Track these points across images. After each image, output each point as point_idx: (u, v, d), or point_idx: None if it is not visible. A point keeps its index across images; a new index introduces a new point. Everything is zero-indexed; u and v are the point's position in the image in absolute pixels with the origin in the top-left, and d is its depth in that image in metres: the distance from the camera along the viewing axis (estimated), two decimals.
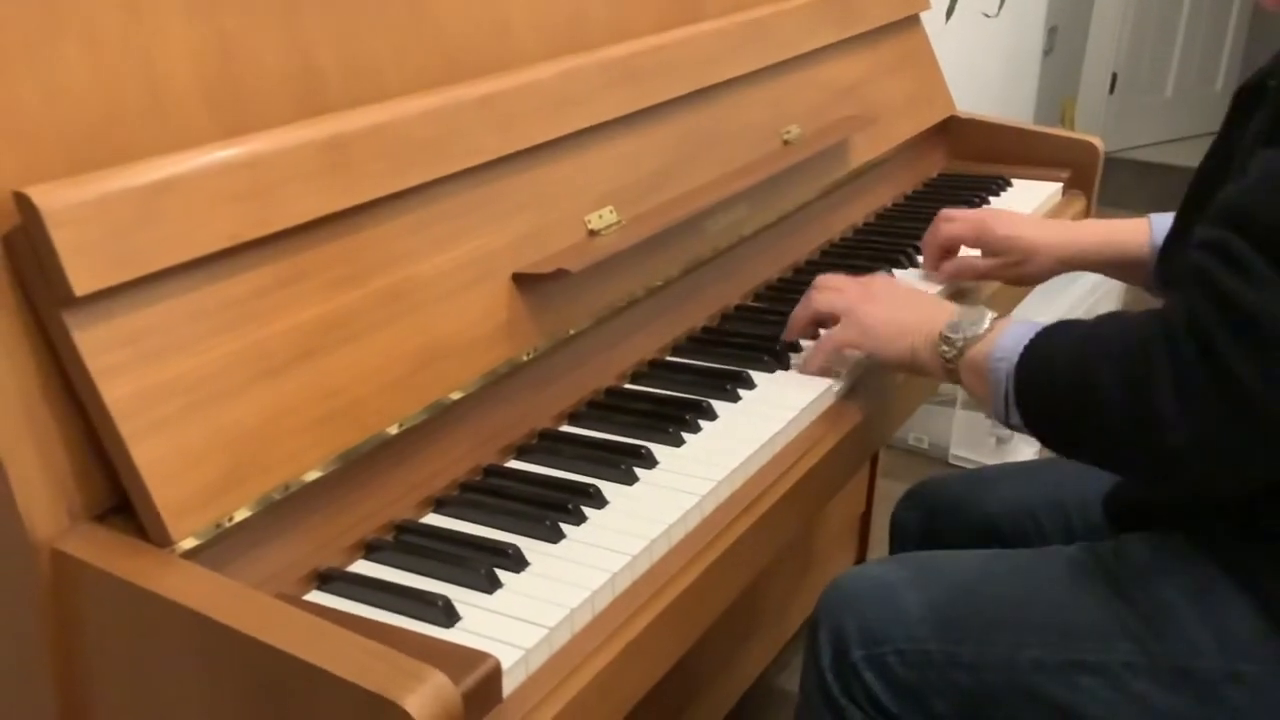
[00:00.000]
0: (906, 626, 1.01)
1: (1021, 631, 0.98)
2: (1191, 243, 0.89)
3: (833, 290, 1.12)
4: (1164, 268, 1.19)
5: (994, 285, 1.39)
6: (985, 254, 1.32)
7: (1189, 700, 0.93)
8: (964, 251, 1.34)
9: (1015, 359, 0.95)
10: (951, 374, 1.02)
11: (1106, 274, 1.33)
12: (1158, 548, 0.99)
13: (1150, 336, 0.87)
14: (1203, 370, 0.83)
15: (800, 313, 1.14)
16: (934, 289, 1.31)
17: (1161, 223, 1.24)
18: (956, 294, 1.34)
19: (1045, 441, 0.97)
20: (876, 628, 1.02)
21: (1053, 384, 0.93)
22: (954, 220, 1.33)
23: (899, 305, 1.08)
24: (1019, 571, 1.03)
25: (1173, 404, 0.84)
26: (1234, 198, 0.87)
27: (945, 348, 1.01)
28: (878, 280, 1.14)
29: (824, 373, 1.10)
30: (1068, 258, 1.29)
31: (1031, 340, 0.95)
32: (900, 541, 1.30)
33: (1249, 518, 0.94)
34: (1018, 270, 1.30)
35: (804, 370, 1.11)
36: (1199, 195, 1.06)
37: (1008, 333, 0.97)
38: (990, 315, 1.01)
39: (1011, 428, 0.97)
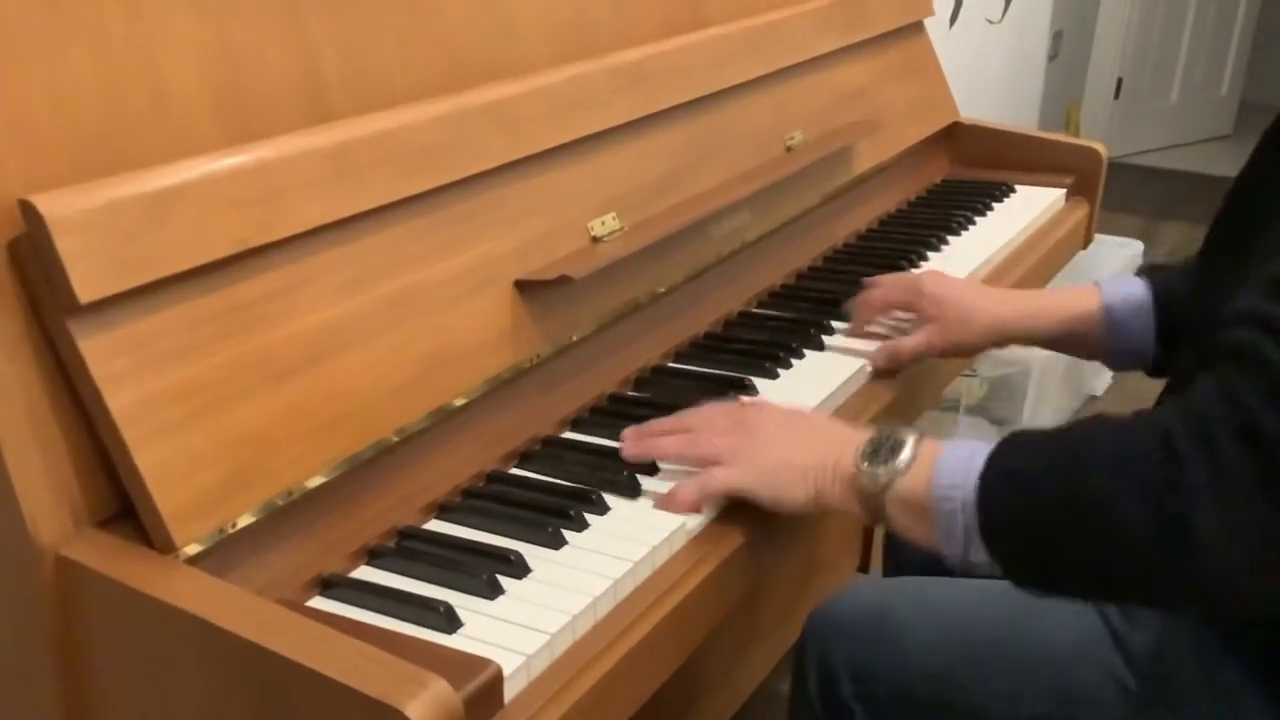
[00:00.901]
0: (898, 666, 0.98)
1: (1020, 687, 0.94)
2: (1229, 314, 0.77)
3: (710, 433, 0.93)
4: (1167, 319, 1.10)
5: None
6: (919, 318, 1.18)
7: None
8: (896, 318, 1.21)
9: (972, 488, 0.79)
10: (875, 513, 0.86)
11: (1047, 346, 1.19)
12: (1164, 616, 0.92)
13: (1170, 432, 0.72)
14: (1248, 465, 0.69)
15: (669, 449, 0.95)
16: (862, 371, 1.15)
17: (1114, 287, 1.13)
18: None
19: (1027, 582, 0.81)
20: (867, 663, 0.99)
21: (1040, 512, 0.77)
22: (882, 285, 1.22)
23: (790, 443, 0.91)
24: (1018, 618, 0.97)
25: (1213, 512, 0.70)
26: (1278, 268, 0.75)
27: (865, 483, 0.85)
28: (759, 414, 0.95)
29: (693, 510, 0.91)
30: (1002, 327, 1.15)
31: (990, 462, 0.80)
32: (895, 560, 1.29)
33: (1171, 612, 0.89)
34: (951, 337, 1.15)
35: (667, 506, 0.90)
36: (1223, 239, 0.95)
37: (947, 457, 0.82)
38: (911, 436, 0.86)
39: (968, 568, 0.82)
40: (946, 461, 0.82)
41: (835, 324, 1.24)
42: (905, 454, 0.84)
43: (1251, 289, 0.76)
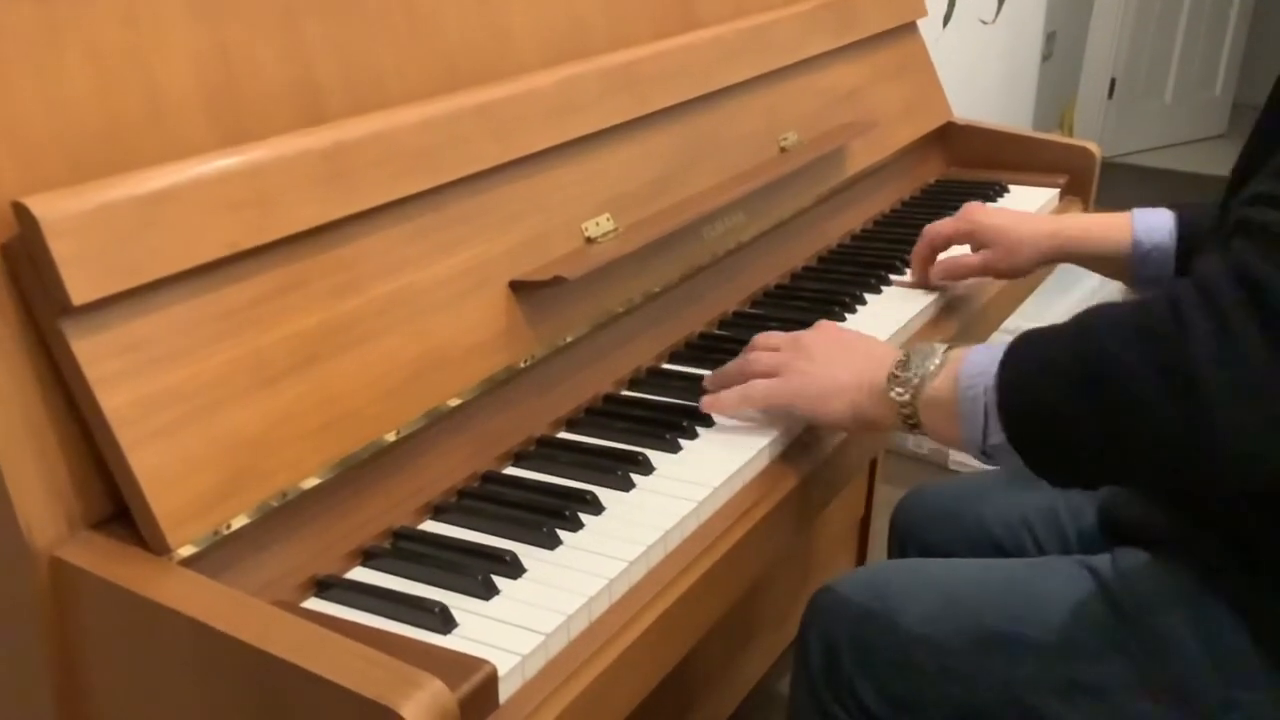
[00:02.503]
0: (899, 637, 1.00)
1: (1017, 647, 0.97)
2: (1237, 201, 0.81)
3: (767, 350, 1.02)
4: (1186, 251, 1.19)
5: (991, 290, 1.39)
6: (974, 249, 1.31)
7: None
8: (953, 251, 1.34)
9: (992, 376, 0.84)
10: (908, 419, 0.91)
11: (1087, 266, 1.32)
12: (1154, 566, 0.97)
13: (1178, 300, 0.75)
14: (1254, 326, 0.71)
15: (733, 372, 1.03)
16: (926, 300, 1.31)
17: (1145, 217, 1.24)
18: (949, 303, 1.34)
19: (1043, 462, 0.83)
20: (869, 637, 1.01)
21: (1054, 383, 0.80)
22: (942, 221, 1.33)
23: (836, 359, 0.97)
24: (1015, 585, 1.01)
25: (1221, 372, 0.71)
26: None
27: (898, 390, 0.90)
28: (815, 332, 1.02)
29: (731, 413, 1.00)
30: (1050, 249, 1.28)
31: (1008, 352, 0.84)
32: (898, 547, 1.31)
33: (1242, 539, 0.92)
34: (1006, 263, 1.29)
35: (711, 407, 1.00)
36: (1244, 175, 0.98)
37: (971, 355, 0.87)
38: (941, 347, 0.91)
39: (986, 455, 0.86)
40: (970, 358, 0.87)
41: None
42: (935, 360, 0.90)
43: (1261, 179, 0.80)
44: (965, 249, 1.33)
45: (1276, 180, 0.79)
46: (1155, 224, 1.23)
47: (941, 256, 1.34)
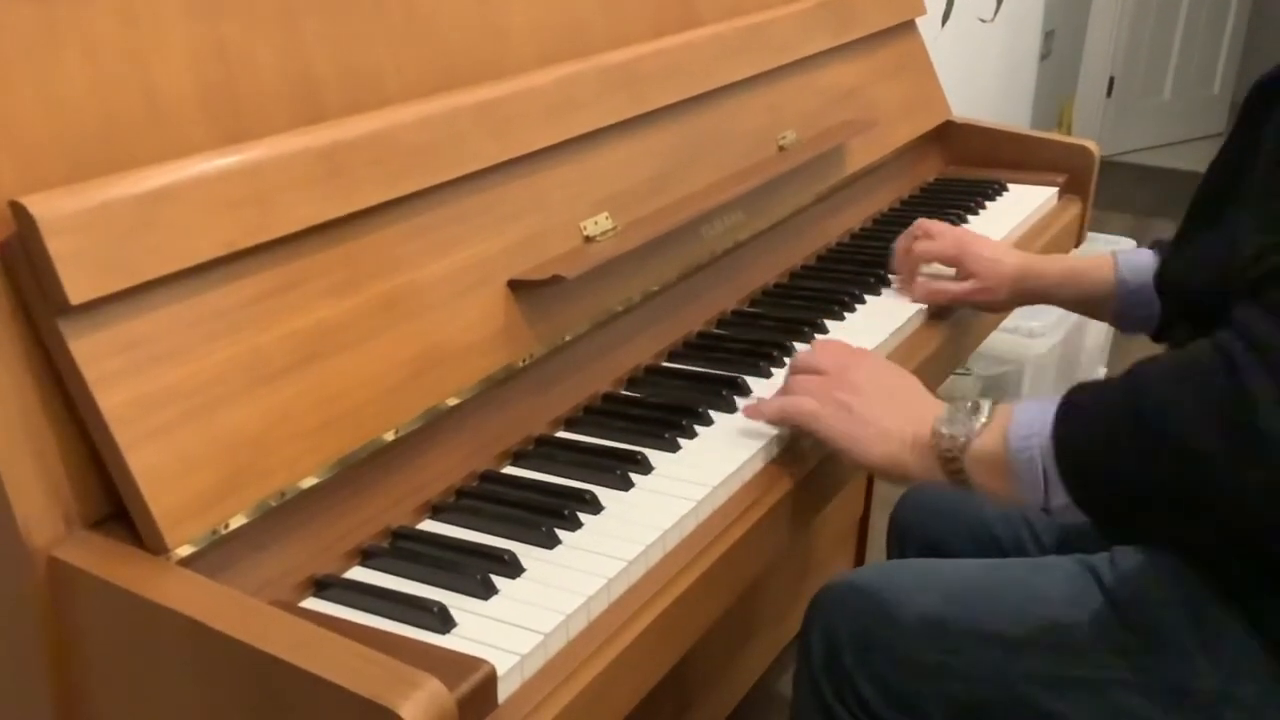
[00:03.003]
0: (900, 633, 1.01)
1: (1017, 644, 0.97)
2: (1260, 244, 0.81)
3: (811, 373, 1.02)
4: (1162, 281, 1.18)
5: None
6: (960, 275, 1.30)
7: (1185, 719, 0.92)
8: (937, 269, 1.32)
9: (1048, 434, 0.83)
10: (955, 475, 0.91)
11: (1067, 308, 1.32)
12: (1152, 564, 0.97)
13: (1225, 348, 0.77)
14: None
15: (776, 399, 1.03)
16: (910, 310, 1.28)
17: (1128, 261, 1.23)
18: (937, 311, 1.31)
19: (1110, 522, 0.85)
20: (870, 633, 1.02)
21: (1113, 442, 0.80)
22: (934, 238, 1.31)
23: (880, 402, 0.97)
24: (1014, 583, 1.02)
25: (1278, 417, 0.73)
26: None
27: (945, 447, 0.90)
28: (863, 369, 1.01)
29: (768, 421, 1.01)
30: (1030, 291, 1.28)
31: (1061, 411, 0.84)
32: (898, 546, 1.31)
33: (1245, 535, 0.91)
34: (985, 298, 1.29)
35: (756, 412, 1.01)
36: (1208, 202, 1.03)
37: (1023, 411, 0.87)
38: (987, 404, 0.91)
39: (1050, 514, 0.86)
40: (1021, 416, 0.87)
41: (829, 323, 1.24)
42: (982, 416, 0.90)
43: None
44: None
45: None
46: (1139, 265, 1.22)
47: (925, 273, 1.32)
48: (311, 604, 0.81)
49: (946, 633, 1.00)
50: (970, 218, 1.57)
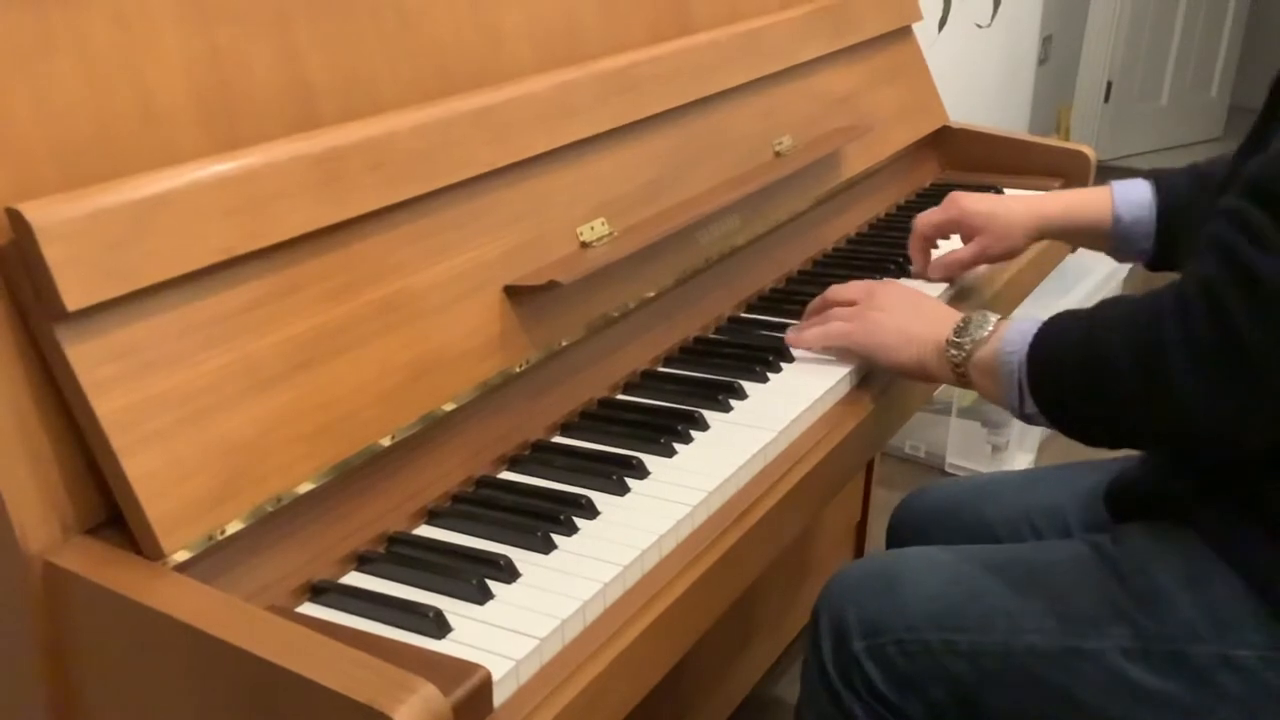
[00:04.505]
0: (906, 617, 1.03)
1: (1019, 618, 0.99)
2: (1216, 211, 0.90)
3: (842, 303, 1.16)
4: (1167, 221, 1.24)
5: (999, 282, 1.40)
6: (965, 237, 1.34)
7: (1183, 685, 0.94)
8: (944, 246, 1.37)
9: (1025, 349, 0.97)
10: (961, 377, 1.04)
11: (1070, 241, 1.40)
12: (1155, 535, 1.00)
13: (1161, 307, 0.88)
14: (1212, 332, 0.85)
15: (814, 317, 1.18)
16: (935, 291, 1.32)
17: (1123, 190, 1.28)
18: (959, 293, 1.36)
19: (1061, 424, 0.97)
20: (876, 618, 1.04)
21: (1064, 364, 0.94)
22: (930, 211, 1.36)
23: (906, 315, 1.10)
24: (1018, 562, 1.05)
25: (1185, 368, 0.86)
26: (1256, 169, 0.88)
27: (953, 352, 1.03)
28: (886, 288, 1.16)
29: (813, 349, 1.15)
30: (1035, 227, 1.32)
31: (1039, 329, 0.97)
32: (897, 546, 1.31)
33: (1245, 501, 0.95)
34: (1000, 247, 1.33)
35: (796, 339, 1.16)
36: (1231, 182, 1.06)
37: (1013, 328, 1.00)
38: (994, 317, 1.04)
39: (1026, 418, 0.99)
40: (1011, 331, 1.00)
41: None
42: (985, 329, 1.03)
43: (1234, 190, 0.88)
44: (955, 241, 1.36)
45: (1241, 195, 0.87)
46: (1134, 198, 1.27)
47: (935, 255, 1.36)
48: (307, 609, 0.81)
49: (950, 612, 1.02)
50: None
